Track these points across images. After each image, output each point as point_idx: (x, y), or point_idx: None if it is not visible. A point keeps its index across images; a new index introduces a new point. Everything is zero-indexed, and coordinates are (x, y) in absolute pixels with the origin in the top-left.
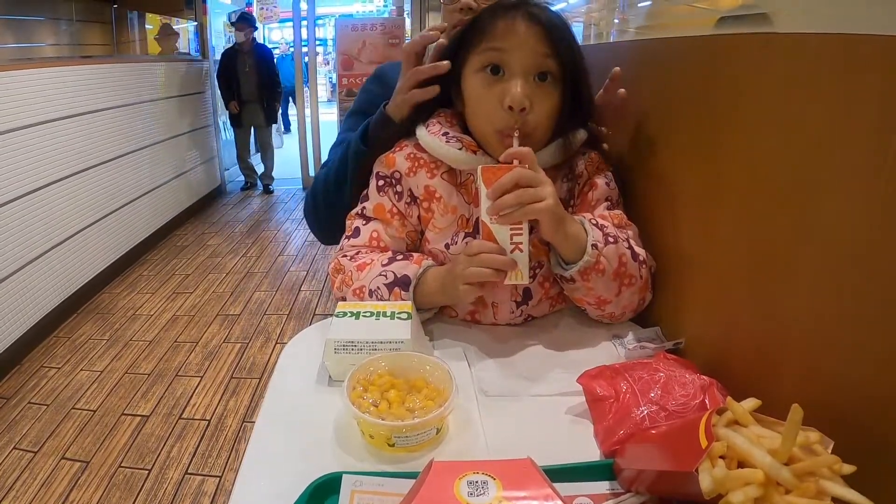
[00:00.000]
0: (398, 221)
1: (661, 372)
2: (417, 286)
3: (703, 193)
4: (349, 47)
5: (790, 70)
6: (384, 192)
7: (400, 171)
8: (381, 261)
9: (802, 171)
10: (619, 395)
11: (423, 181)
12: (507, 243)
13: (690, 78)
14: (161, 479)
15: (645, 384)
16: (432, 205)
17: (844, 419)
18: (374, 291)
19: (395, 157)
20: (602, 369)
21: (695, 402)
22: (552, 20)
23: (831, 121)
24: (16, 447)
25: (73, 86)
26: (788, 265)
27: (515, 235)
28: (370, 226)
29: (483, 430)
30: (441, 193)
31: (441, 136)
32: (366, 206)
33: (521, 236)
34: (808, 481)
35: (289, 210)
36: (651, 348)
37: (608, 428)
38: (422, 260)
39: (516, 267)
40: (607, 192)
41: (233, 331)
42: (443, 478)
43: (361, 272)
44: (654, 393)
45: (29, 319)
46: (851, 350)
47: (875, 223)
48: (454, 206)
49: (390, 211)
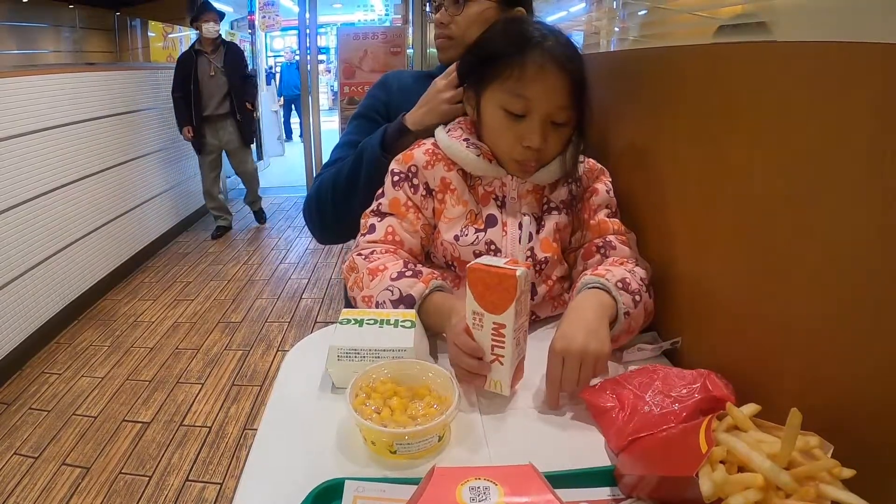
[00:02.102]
0: (413, 214)
1: (659, 372)
2: (421, 306)
3: (701, 200)
4: (351, 56)
5: (788, 78)
6: (399, 187)
7: (417, 165)
8: (391, 273)
9: (800, 177)
10: (624, 402)
11: (441, 173)
12: (489, 353)
13: (689, 86)
14: (162, 486)
15: (645, 385)
16: (446, 196)
17: (844, 424)
18: (381, 304)
19: (412, 154)
20: (603, 383)
21: (696, 386)
22: (577, 70)
23: (828, 127)
24: (16, 453)
25: (76, 92)
26: (786, 271)
27: (497, 348)
28: (385, 221)
29: (485, 438)
30: (455, 186)
31: (462, 140)
32: (381, 203)
33: (503, 349)
34: (807, 485)
35: (290, 218)
36: (648, 349)
37: (619, 428)
38: (430, 279)
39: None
40: (607, 199)
41: (234, 338)
42: (445, 484)
43: (372, 280)
44: (656, 386)
45: (30, 325)
46: (850, 355)
47: (873, 229)
48: (465, 200)
49: (405, 204)
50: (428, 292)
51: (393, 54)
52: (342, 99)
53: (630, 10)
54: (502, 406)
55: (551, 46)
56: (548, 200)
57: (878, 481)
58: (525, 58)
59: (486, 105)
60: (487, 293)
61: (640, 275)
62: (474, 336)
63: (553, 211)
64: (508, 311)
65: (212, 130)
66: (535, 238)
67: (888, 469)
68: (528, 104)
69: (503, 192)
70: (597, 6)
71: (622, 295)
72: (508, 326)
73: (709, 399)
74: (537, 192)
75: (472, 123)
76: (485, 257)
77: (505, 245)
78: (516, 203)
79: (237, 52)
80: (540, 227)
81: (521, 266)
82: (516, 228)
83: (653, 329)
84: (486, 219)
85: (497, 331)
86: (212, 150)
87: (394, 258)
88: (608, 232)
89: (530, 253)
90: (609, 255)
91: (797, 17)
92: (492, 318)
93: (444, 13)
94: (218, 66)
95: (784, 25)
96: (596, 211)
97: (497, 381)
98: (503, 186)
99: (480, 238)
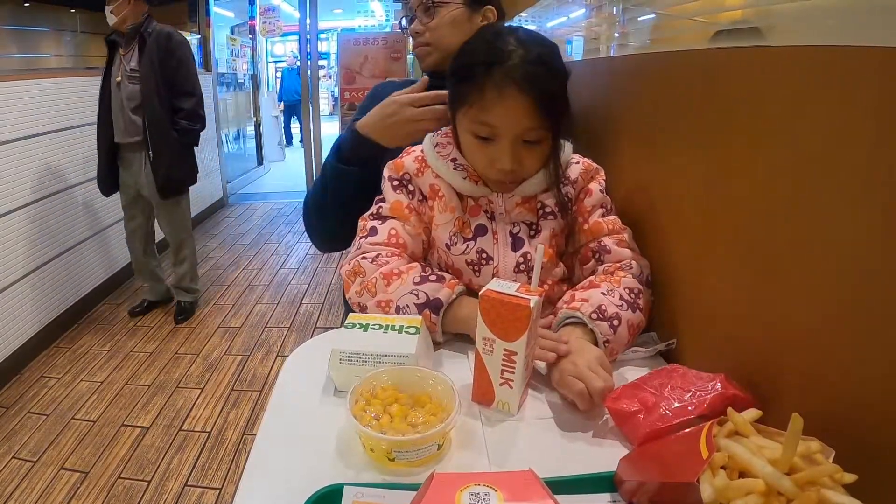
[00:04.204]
0: (415, 218)
1: (678, 370)
2: (447, 310)
3: (701, 203)
4: (351, 61)
5: (786, 83)
6: (399, 191)
7: (409, 173)
8: (413, 277)
9: (800, 179)
10: (648, 404)
11: (430, 180)
12: (498, 377)
13: (688, 90)
14: (161, 491)
15: (663, 386)
16: (434, 202)
17: (845, 428)
18: (403, 309)
19: (403, 162)
20: (623, 389)
21: (712, 384)
22: (542, 88)
23: (829, 131)
24: (15, 456)
25: (77, 97)
26: (786, 274)
27: (507, 372)
28: (388, 224)
29: (485, 443)
30: (444, 193)
31: (449, 161)
32: (382, 206)
33: (513, 374)
34: (809, 490)
35: (291, 223)
36: (643, 352)
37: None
38: (455, 285)
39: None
40: (601, 198)
41: (234, 343)
42: (444, 490)
43: (389, 284)
44: (675, 382)
45: (30, 329)
46: (852, 358)
47: (874, 232)
48: (453, 207)
49: (407, 207)
50: (455, 296)
51: (393, 60)
52: (342, 104)
53: (630, 16)
54: (504, 414)
55: (512, 67)
56: (542, 206)
57: (880, 486)
58: (484, 82)
59: (459, 128)
60: (500, 321)
61: (627, 284)
62: (484, 361)
63: (549, 216)
64: (521, 340)
65: (125, 165)
66: (528, 244)
67: (890, 474)
68: (494, 129)
69: (492, 208)
70: (597, 12)
71: (598, 325)
72: (520, 353)
73: (729, 396)
74: (529, 201)
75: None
76: (496, 282)
77: (497, 253)
78: (506, 217)
79: (166, 48)
80: (536, 232)
81: (534, 294)
82: (507, 235)
83: (651, 330)
84: (476, 228)
85: (508, 357)
86: (128, 194)
87: (404, 261)
88: (602, 233)
89: (523, 259)
90: (604, 260)
91: (793, 24)
92: (503, 344)
93: (418, 23)
94: (128, 67)
95: (779, 31)
96: (590, 213)
97: (505, 403)
98: (491, 203)
99: (471, 247)
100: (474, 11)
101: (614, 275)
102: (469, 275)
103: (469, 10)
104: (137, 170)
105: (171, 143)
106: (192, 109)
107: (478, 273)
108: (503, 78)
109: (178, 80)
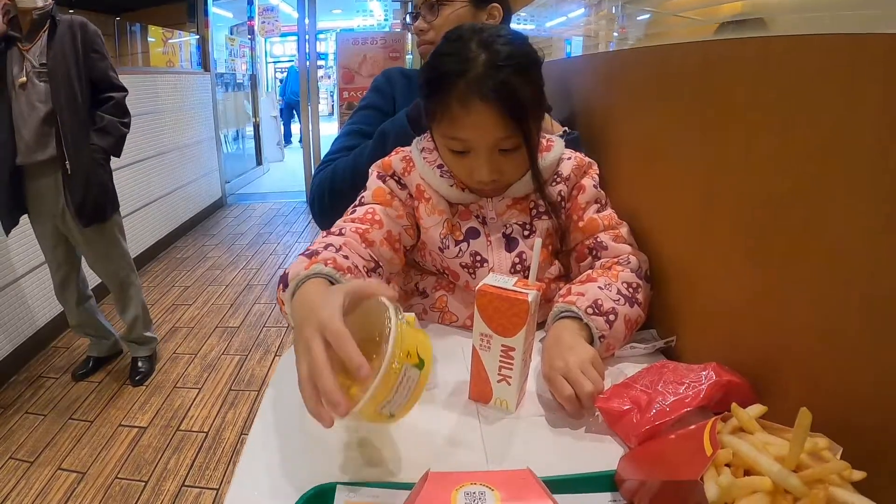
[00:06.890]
0: (398, 203)
1: (668, 366)
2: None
3: (701, 197)
4: (350, 61)
5: (788, 73)
6: (384, 181)
7: (397, 172)
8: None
9: (802, 173)
10: (640, 403)
11: (416, 180)
12: (495, 374)
13: (688, 83)
14: (158, 491)
15: (654, 382)
16: (421, 203)
17: (852, 424)
18: None
19: (390, 161)
20: (613, 389)
21: (705, 372)
22: (508, 95)
23: (831, 123)
24: (12, 457)
25: None
26: (788, 268)
27: (504, 368)
28: (367, 206)
29: (483, 444)
30: (430, 196)
31: (436, 167)
32: (364, 195)
33: (510, 370)
34: (817, 488)
35: (289, 223)
36: (641, 349)
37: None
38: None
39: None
40: (595, 194)
41: (232, 343)
42: (439, 489)
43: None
44: (666, 377)
45: (28, 329)
46: (858, 354)
47: (879, 228)
48: (441, 210)
49: (390, 193)
50: (304, 278)
51: (392, 59)
52: (341, 104)
53: (629, 14)
54: (501, 410)
55: (475, 78)
56: (535, 205)
57: (889, 483)
58: (449, 97)
59: (436, 141)
60: (497, 316)
61: (625, 279)
62: (481, 357)
63: (543, 215)
64: (519, 335)
65: (36, 195)
66: (522, 243)
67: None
68: (466, 143)
69: (482, 213)
70: (595, 10)
71: (594, 320)
72: (518, 349)
73: (725, 383)
74: (520, 202)
75: None
76: (492, 276)
77: (490, 255)
78: (497, 221)
79: (84, 39)
80: (531, 232)
81: (533, 289)
82: (500, 237)
83: (651, 327)
84: (467, 231)
85: (506, 353)
86: (45, 232)
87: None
88: (598, 229)
89: (519, 259)
90: (600, 256)
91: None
92: (501, 340)
93: (422, 21)
94: (36, 63)
95: (782, 22)
96: (584, 209)
97: (503, 401)
98: (481, 209)
99: (464, 250)
100: (479, 9)
101: (611, 269)
102: (465, 277)
103: (474, 7)
104: (53, 196)
105: (91, 154)
106: (121, 102)
107: (473, 275)
108: (467, 91)
109: (103, 74)
